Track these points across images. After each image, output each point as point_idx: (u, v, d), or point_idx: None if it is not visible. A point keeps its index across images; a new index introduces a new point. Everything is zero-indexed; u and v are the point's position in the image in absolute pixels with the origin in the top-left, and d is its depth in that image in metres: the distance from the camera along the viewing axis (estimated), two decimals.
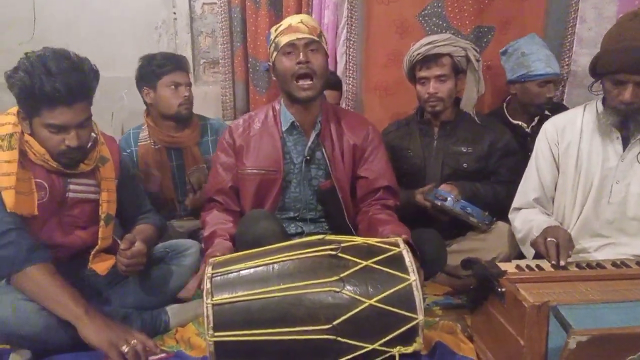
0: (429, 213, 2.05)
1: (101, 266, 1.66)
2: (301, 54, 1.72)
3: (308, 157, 1.82)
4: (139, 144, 2.29)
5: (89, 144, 1.61)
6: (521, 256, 1.91)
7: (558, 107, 2.32)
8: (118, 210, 1.74)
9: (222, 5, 2.68)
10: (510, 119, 2.39)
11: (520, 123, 2.36)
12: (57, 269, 1.51)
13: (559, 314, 1.22)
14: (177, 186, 2.30)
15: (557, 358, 1.16)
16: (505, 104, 2.45)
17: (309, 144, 1.83)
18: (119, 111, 2.89)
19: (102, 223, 1.66)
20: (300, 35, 1.73)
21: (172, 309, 1.75)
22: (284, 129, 1.83)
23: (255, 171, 1.80)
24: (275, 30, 1.80)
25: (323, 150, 1.81)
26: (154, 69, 2.21)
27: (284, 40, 1.74)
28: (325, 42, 1.83)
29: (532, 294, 1.31)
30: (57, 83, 1.43)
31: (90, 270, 1.67)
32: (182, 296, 1.82)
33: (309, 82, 1.73)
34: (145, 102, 2.29)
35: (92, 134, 1.63)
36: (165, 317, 1.71)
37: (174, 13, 2.84)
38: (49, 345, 1.48)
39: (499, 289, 1.35)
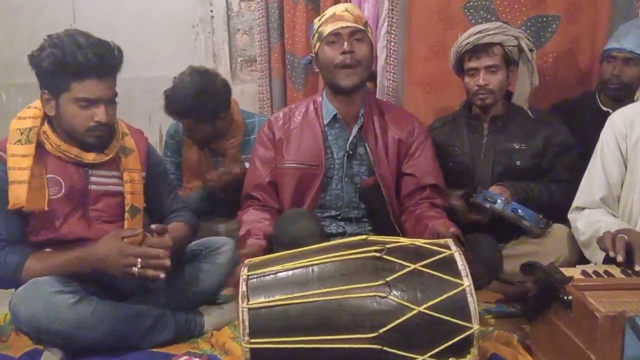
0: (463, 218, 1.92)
1: None
2: (345, 43, 1.66)
3: (350, 152, 1.73)
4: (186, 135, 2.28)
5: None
6: (581, 261, 1.76)
7: None
8: (148, 207, 1.69)
9: (259, 1, 2.62)
10: (601, 106, 2.22)
11: (610, 110, 2.16)
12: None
13: (637, 325, 1.08)
14: None
15: None
16: (597, 90, 2.29)
17: (351, 138, 1.75)
18: (157, 111, 2.87)
19: (126, 215, 1.61)
20: (345, 24, 1.67)
21: (207, 311, 1.68)
22: (325, 122, 1.76)
23: (295, 165, 1.73)
24: (319, 20, 1.74)
25: (366, 145, 1.72)
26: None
27: (327, 29, 1.68)
28: (371, 32, 1.76)
29: (603, 303, 1.16)
30: (89, 54, 1.44)
31: None
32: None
33: (352, 69, 1.67)
34: None
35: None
36: (200, 320, 1.65)
37: (211, 11, 2.80)
38: (81, 343, 1.44)
39: (565, 297, 1.21)
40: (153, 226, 1.53)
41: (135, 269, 1.43)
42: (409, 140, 1.77)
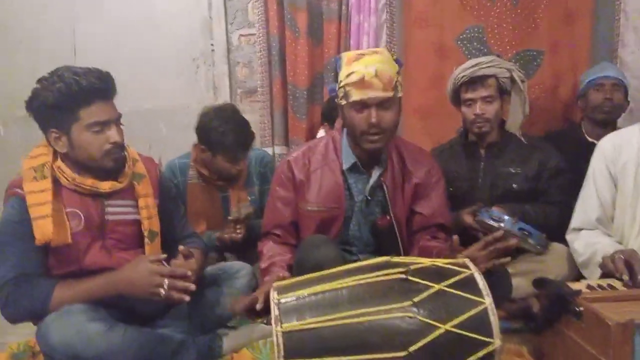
0: (474, 236, 2.01)
1: None
2: (373, 116, 1.60)
3: (369, 198, 1.77)
4: (188, 182, 2.22)
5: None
6: (578, 279, 1.85)
7: None
8: (160, 233, 1.71)
9: (260, 35, 2.73)
10: (587, 137, 2.38)
11: (595, 141, 2.31)
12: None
13: None
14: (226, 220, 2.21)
15: None
16: (582, 122, 2.46)
17: (371, 182, 1.76)
18: (157, 142, 2.91)
19: (146, 240, 1.64)
20: (373, 94, 1.59)
21: (225, 334, 1.72)
22: (345, 167, 1.76)
23: (316, 209, 1.75)
24: (346, 76, 1.62)
25: (385, 189, 1.75)
26: (213, 144, 2.11)
27: (354, 95, 1.61)
28: (400, 88, 1.66)
29: (612, 312, 1.26)
30: (91, 78, 1.50)
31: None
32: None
33: (377, 136, 1.65)
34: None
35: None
36: (219, 342, 1.68)
37: (212, 45, 2.89)
38: None
39: (577, 309, 1.31)
40: (181, 247, 1.58)
41: (162, 290, 1.46)
42: (425, 182, 1.78)
